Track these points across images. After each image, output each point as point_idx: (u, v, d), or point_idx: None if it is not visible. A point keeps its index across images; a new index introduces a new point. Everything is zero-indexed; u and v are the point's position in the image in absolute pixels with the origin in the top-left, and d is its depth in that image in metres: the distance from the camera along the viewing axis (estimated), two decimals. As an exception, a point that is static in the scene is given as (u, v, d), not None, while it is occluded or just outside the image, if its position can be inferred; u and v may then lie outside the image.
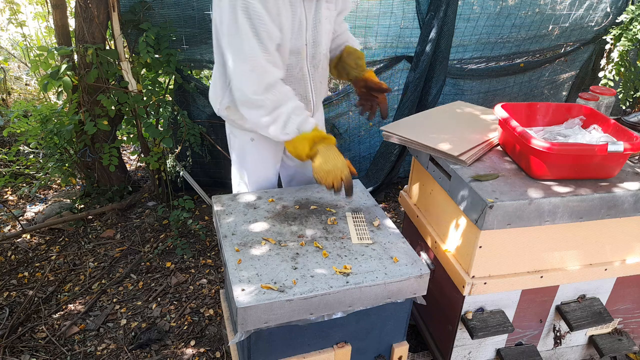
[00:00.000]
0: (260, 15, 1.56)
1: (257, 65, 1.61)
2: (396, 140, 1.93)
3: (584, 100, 2.15)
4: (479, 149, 1.83)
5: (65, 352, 2.24)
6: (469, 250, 1.70)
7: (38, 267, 2.78)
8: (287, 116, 1.66)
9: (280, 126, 1.67)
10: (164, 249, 2.94)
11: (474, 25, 3.29)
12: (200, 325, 2.42)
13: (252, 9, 1.54)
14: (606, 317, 1.88)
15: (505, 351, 1.93)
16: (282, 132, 1.68)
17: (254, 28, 1.57)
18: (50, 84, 2.76)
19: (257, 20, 1.56)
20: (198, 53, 3.01)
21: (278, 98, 1.65)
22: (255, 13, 1.55)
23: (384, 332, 1.67)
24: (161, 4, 2.79)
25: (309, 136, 1.69)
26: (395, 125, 2.00)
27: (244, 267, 1.52)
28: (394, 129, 1.95)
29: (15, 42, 4.95)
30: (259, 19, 1.56)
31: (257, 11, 1.55)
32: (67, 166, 3.18)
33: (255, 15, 1.55)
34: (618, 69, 3.47)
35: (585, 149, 1.61)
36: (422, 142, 1.84)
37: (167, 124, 3.01)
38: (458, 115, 2.13)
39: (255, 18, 1.56)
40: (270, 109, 1.65)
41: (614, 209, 1.65)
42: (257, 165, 2.02)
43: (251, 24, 1.56)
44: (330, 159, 1.67)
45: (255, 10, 1.55)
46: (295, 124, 1.67)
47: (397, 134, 1.92)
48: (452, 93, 3.50)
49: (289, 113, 1.66)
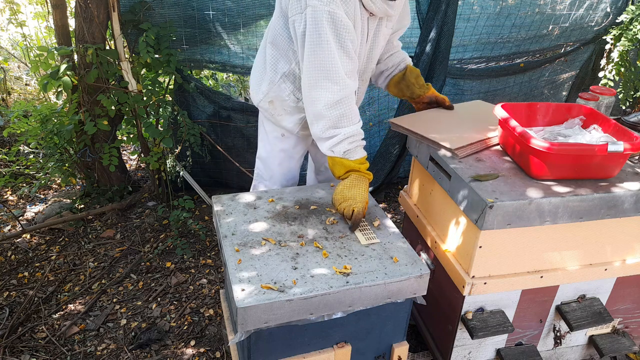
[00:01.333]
0: (346, 26, 1.61)
1: (336, 78, 1.65)
2: (400, 130, 2.02)
3: (584, 100, 2.15)
4: (475, 145, 1.85)
5: (65, 352, 2.24)
6: (469, 250, 1.70)
7: (38, 267, 2.78)
8: (341, 140, 1.72)
9: (331, 144, 1.74)
10: (164, 249, 2.94)
11: (474, 25, 3.29)
12: (200, 325, 2.42)
13: (338, 20, 1.58)
14: (606, 317, 1.88)
15: (505, 351, 1.93)
16: (329, 149, 1.75)
17: (339, 39, 1.61)
18: (50, 84, 2.76)
19: (343, 31, 1.61)
20: (198, 53, 3.01)
21: (342, 117, 1.70)
22: (342, 23, 1.59)
23: (384, 332, 1.67)
24: (161, 4, 2.79)
25: (349, 165, 1.75)
26: (403, 118, 2.08)
27: (244, 267, 1.52)
28: (400, 121, 2.03)
29: (15, 42, 4.95)
30: (345, 29, 1.61)
31: (343, 21, 1.60)
32: (67, 166, 3.18)
33: (341, 25, 1.60)
34: (618, 69, 3.47)
35: (585, 149, 1.61)
36: (419, 132, 1.91)
37: (167, 124, 3.01)
38: (470, 114, 2.14)
39: (341, 28, 1.60)
40: (331, 125, 1.71)
41: (614, 209, 1.65)
42: (283, 160, 2.11)
43: (336, 34, 1.60)
44: (353, 187, 1.73)
45: (342, 21, 1.59)
46: (343, 149, 1.74)
47: (401, 125, 2.00)
48: (452, 93, 3.50)
49: (345, 138, 1.72)
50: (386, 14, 1.76)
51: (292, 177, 2.18)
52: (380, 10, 1.72)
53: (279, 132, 2.04)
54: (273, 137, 2.07)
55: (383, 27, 1.84)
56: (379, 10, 1.72)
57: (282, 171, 2.13)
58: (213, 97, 3.14)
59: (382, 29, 1.85)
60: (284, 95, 1.90)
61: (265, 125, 2.08)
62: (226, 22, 2.89)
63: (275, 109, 1.95)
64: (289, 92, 1.89)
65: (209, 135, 3.21)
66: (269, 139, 2.09)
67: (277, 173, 2.13)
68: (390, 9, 1.75)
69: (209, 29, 2.90)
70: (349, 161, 1.75)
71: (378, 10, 1.71)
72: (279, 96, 1.91)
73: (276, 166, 2.12)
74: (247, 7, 2.84)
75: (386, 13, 1.76)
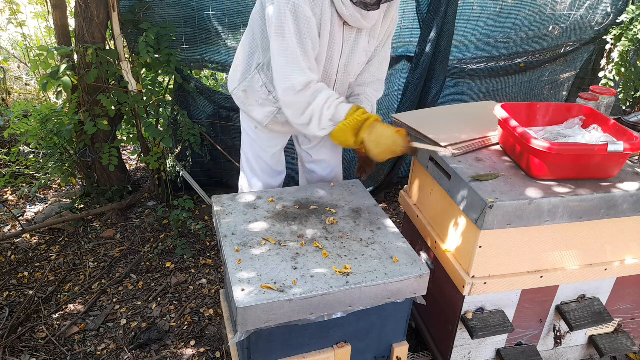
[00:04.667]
0: (308, 19, 1.58)
1: (297, 67, 1.63)
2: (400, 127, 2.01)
3: (584, 100, 2.15)
4: (471, 144, 1.85)
5: (65, 352, 2.24)
6: (469, 250, 1.70)
7: (38, 267, 2.78)
8: (320, 112, 1.68)
9: (316, 124, 1.70)
10: (164, 249, 2.94)
11: (474, 25, 3.29)
12: (200, 325, 2.42)
13: (301, 13, 1.56)
14: (606, 317, 1.88)
15: (505, 351, 1.93)
16: (319, 128, 1.71)
17: (300, 33, 1.59)
18: (50, 84, 2.76)
19: (304, 24, 1.58)
20: (198, 53, 3.01)
21: (310, 95, 1.67)
22: (305, 18, 1.57)
23: (384, 332, 1.67)
24: (161, 4, 2.79)
25: (347, 125, 1.68)
26: (405, 115, 2.09)
27: (244, 267, 1.52)
28: (402, 117, 2.04)
29: (15, 42, 4.95)
30: (306, 23, 1.59)
31: (306, 15, 1.57)
32: (67, 166, 3.18)
33: (303, 19, 1.57)
34: (618, 69, 3.47)
35: (585, 149, 1.61)
36: (418, 130, 1.92)
37: (167, 124, 3.01)
38: (475, 113, 2.14)
39: (302, 22, 1.58)
40: (303, 109, 1.68)
41: (613, 209, 1.65)
42: (259, 152, 2.10)
43: (297, 27, 1.58)
44: (378, 141, 1.67)
45: (305, 14, 1.57)
46: (327, 117, 1.69)
47: (402, 121, 2.01)
48: (452, 93, 3.50)
49: (321, 108, 1.68)
50: (358, 24, 1.69)
51: (271, 172, 2.15)
52: (351, 18, 1.65)
53: (253, 124, 2.04)
54: (249, 128, 2.07)
55: (362, 41, 1.78)
56: (351, 17, 1.65)
57: (260, 166, 2.12)
58: (213, 97, 3.14)
59: (361, 43, 1.79)
60: (257, 86, 1.88)
61: (243, 117, 2.09)
62: (226, 22, 2.89)
63: (248, 98, 1.93)
64: (262, 84, 1.87)
65: (209, 135, 3.21)
66: (246, 130, 2.09)
67: (255, 166, 2.12)
68: (363, 19, 1.67)
69: (209, 29, 2.90)
70: (344, 122, 1.68)
71: (349, 17, 1.65)
72: (252, 86, 1.89)
73: (253, 158, 2.11)
74: (247, 7, 2.84)
75: (358, 23, 1.68)
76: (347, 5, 1.62)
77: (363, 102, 1.93)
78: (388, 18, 1.83)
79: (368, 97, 1.96)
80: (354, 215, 1.82)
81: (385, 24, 1.84)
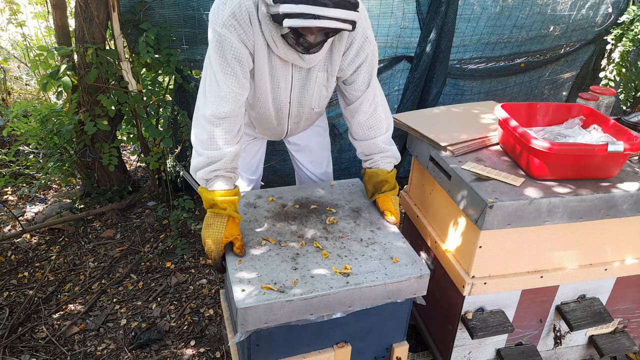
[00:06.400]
0: (235, 50, 1.52)
1: (210, 96, 1.57)
2: (401, 127, 2.03)
3: (584, 100, 2.14)
4: (471, 144, 1.85)
5: (65, 352, 2.24)
6: (469, 250, 1.69)
7: (38, 267, 2.78)
8: (202, 165, 1.59)
9: (198, 164, 1.60)
10: (164, 249, 2.94)
11: (475, 25, 3.29)
12: (200, 325, 2.42)
13: (226, 43, 1.51)
14: (606, 317, 1.88)
15: (505, 351, 1.93)
16: (195, 169, 1.62)
17: (224, 60, 1.53)
18: (50, 84, 2.76)
19: (229, 54, 1.52)
20: (198, 53, 3.01)
21: (210, 139, 1.58)
22: (231, 47, 1.52)
23: (384, 332, 1.67)
24: (161, 4, 2.79)
25: (208, 198, 1.59)
26: (406, 115, 2.09)
27: (244, 267, 1.52)
28: (402, 117, 2.05)
29: (15, 42, 4.95)
30: (232, 52, 1.53)
31: (234, 45, 1.52)
32: (67, 166, 3.18)
33: (229, 48, 1.52)
34: (619, 69, 3.47)
35: (585, 149, 1.61)
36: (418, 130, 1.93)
37: (167, 124, 3.01)
38: (475, 113, 2.14)
39: (228, 51, 1.52)
40: (205, 141, 1.59)
41: (613, 209, 1.65)
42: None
43: (222, 56, 1.53)
44: (206, 230, 1.58)
45: (232, 45, 1.52)
46: (207, 174, 1.59)
47: (402, 121, 2.01)
48: (453, 93, 3.50)
49: (206, 164, 1.58)
50: (298, 62, 1.60)
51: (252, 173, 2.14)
52: (287, 57, 1.58)
53: None
54: None
55: (316, 76, 1.69)
56: (286, 57, 1.58)
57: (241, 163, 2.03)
58: (213, 97, 3.13)
59: (316, 78, 1.70)
60: None
61: None
62: (226, 22, 2.89)
63: None
64: None
65: (209, 135, 3.20)
66: None
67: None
68: (301, 59, 1.59)
69: (209, 28, 2.89)
70: (207, 193, 1.59)
71: (284, 56, 1.58)
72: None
73: None
74: (247, 7, 2.84)
75: (297, 62, 1.60)
76: (279, 45, 1.54)
77: (380, 165, 1.85)
78: (340, 50, 1.65)
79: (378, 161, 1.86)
80: (354, 214, 1.82)
81: (348, 56, 1.67)
